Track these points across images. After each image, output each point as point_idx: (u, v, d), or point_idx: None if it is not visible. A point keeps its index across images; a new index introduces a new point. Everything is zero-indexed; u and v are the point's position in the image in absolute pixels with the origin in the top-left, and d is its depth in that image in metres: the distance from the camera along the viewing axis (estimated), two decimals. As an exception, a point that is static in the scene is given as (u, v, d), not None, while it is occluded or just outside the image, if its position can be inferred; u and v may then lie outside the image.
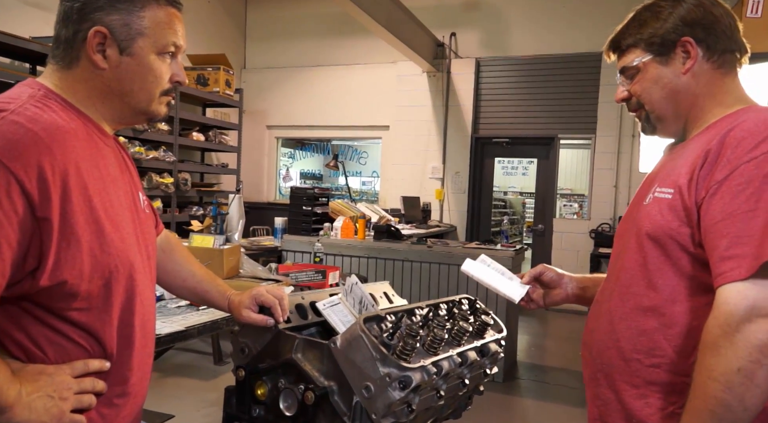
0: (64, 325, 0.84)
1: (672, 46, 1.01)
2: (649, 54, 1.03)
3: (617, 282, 1.04)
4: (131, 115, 0.97)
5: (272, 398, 1.14)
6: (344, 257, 4.08)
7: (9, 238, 0.74)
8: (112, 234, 0.87)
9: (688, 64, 1.00)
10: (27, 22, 4.23)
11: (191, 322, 1.86)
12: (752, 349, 0.77)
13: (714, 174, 0.88)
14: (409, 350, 1.06)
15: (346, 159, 8.25)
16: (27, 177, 0.76)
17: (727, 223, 0.84)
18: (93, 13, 0.88)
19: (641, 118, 1.08)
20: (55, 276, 0.79)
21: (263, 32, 7.23)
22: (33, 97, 0.85)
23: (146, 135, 4.90)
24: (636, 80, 1.06)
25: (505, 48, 6.25)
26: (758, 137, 0.86)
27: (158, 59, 0.94)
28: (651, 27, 1.03)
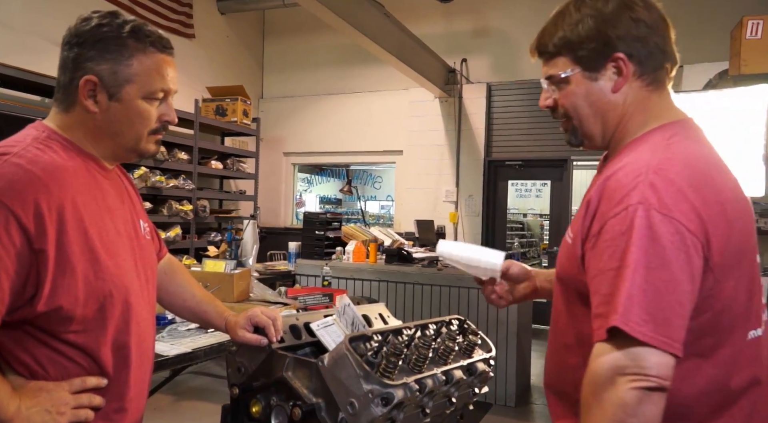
0: (63, 345, 0.91)
1: (603, 61, 0.94)
2: (578, 66, 0.96)
3: (552, 317, 1.05)
4: (123, 152, 1.05)
5: (266, 415, 1.19)
6: (355, 281, 4.13)
7: (8, 268, 0.83)
8: (107, 261, 0.95)
9: (619, 82, 0.95)
10: (55, 61, 4.46)
11: (198, 344, 1.93)
12: (616, 409, 0.78)
13: (592, 227, 0.88)
14: (391, 368, 1.10)
15: (361, 184, 8.36)
16: (24, 213, 0.84)
17: (598, 281, 0.84)
18: (85, 62, 0.96)
19: (568, 129, 1.03)
20: (52, 302, 0.87)
21: (280, 63, 7.46)
22: (36, 139, 0.95)
23: (167, 164, 5.07)
24: (564, 92, 0.99)
25: (516, 72, 6.33)
26: (625, 189, 0.84)
27: (145, 103, 1.00)
28: (578, 33, 0.95)
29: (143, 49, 0.99)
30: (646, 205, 0.81)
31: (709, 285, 0.84)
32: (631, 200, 0.82)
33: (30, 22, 4.50)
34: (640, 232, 0.80)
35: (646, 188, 0.82)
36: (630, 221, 0.81)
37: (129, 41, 0.98)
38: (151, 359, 1.11)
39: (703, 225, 0.82)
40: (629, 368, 0.78)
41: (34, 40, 4.48)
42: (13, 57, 3.94)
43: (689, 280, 0.80)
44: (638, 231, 0.80)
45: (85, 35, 0.97)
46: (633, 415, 0.77)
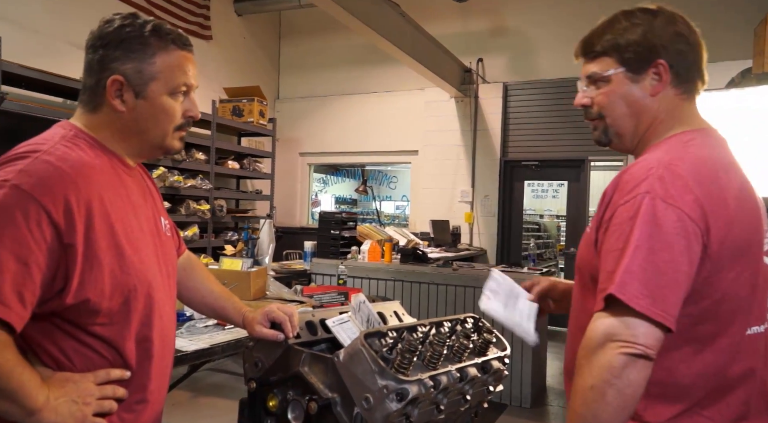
0: (89, 338, 0.94)
1: (646, 65, 1.02)
2: (621, 67, 1.03)
3: (572, 304, 1.13)
4: (149, 149, 1.09)
5: (282, 409, 1.21)
6: (370, 280, 4.15)
7: (39, 262, 0.86)
8: (132, 256, 0.98)
9: (658, 87, 1.02)
10: (77, 63, 4.52)
11: (216, 340, 1.96)
12: (602, 370, 0.86)
13: (605, 215, 0.97)
14: (406, 364, 1.12)
15: (376, 184, 8.38)
16: (55, 209, 0.87)
17: (605, 260, 0.93)
18: (110, 63, 1.00)
19: (598, 128, 1.09)
20: (80, 295, 0.90)
21: (295, 64, 7.51)
22: (64, 137, 0.98)
23: (184, 164, 5.14)
24: (603, 90, 1.06)
25: (533, 71, 6.30)
26: (636, 181, 0.92)
27: (170, 99, 1.04)
28: (627, 38, 1.03)
29: (165, 47, 1.02)
30: (652, 194, 0.89)
31: (706, 272, 0.91)
32: (640, 190, 0.91)
33: (53, 26, 4.60)
34: (645, 217, 0.89)
35: (654, 180, 0.91)
36: (637, 208, 0.90)
37: (151, 40, 1.01)
38: (172, 353, 1.14)
39: (705, 216, 0.89)
40: (620, 335, 0.87)
41: (56, 43, 4.58)
42: (37, 59, 4.03)
43: (688, 263, 0.88)
44: (643, 216, 0.89)
45: (108, 37, 1.00)
46: (617, 376, 0.85)
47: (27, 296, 0.84)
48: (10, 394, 0.82)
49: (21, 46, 4.14)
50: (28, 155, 0.91)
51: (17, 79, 3.70)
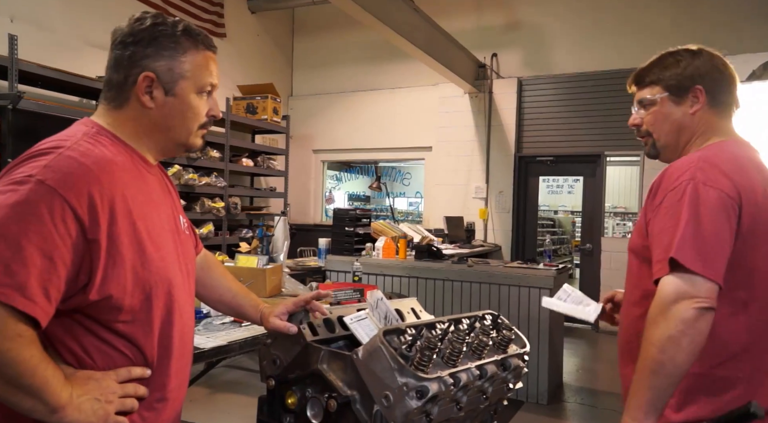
0: (111, 335, 0.94)
1: (686, 90, 1.25)
2: (666, 92, 1.27)
3: (625, 283, 1.32)
4: (173, 147, 1.10)
5: (301, 407, 1.21)
6: (385, 276, 4.14)
7: (64, 257, 0.86)
8: (153, 253, 0.98)
9: (696, 107, 1.25)
10: (93, 62, 4.60)
11: (233, 337, 1.96)
12: (678, 322, 1.05)
13: (655, 200, 1.17)
14: (426, 361, 1.10)
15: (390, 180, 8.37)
16: (79, 204, 0.87)
17: (659, 237, 1.13)
18: (142, 60, 1.01)
19: (648, 143, 1.33)
20: (103, 291, 0.90)
21: (309, 61, 7.52)
22: (87, 134, 0.98)
23: (199, 162, 5.17)
24: (650, 111, 1.30)
25: (548, 66, 6.23)
26: (680, 172, 1.15)
27: (197, 97, 1.06)
28: (671, 71, 1.27)
29: (195, 47, 1.05)
30: (695, 181, 1.11)
31: (740, 244, 1.11)
32: (684, 178, 1.12)
33: (69, 25, 4.64)
34: (691, 198, 1.10)
35: (695, 170, 1.13)
36: (683, 191, 1.11)
37: (182, 39, 1.03)
38: (191, 351, 1.14)
39: (738, 194, 1.11)
40: (689, 293, 1.05)
41: (72, 42, 4.63)
42: (53, 59, 4.07)
43: (729, 231, 1.10)
44: (689, 198, 1.10)
45: (141, 34, 1.01)
46: (691, 327, 1.04)
47: (52, 292, 0.85)
48: (35, 391, 0.83)
49: (37, 45, 4.19)
50: (51, 151, 0.91)
51: (34, 78, 3.74)
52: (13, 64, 3.42)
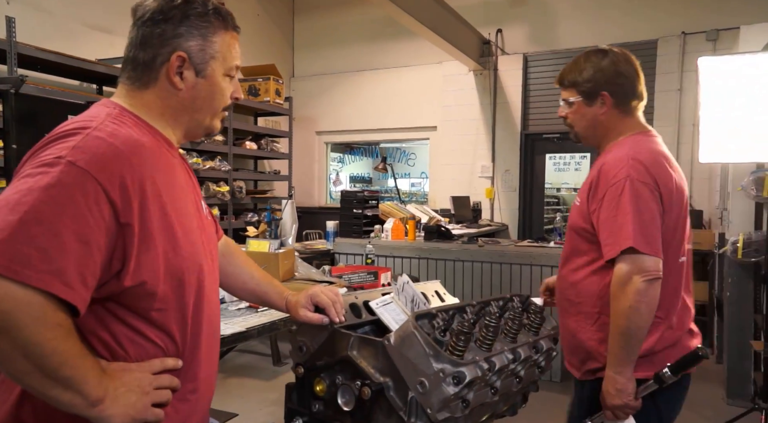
0: (143, 324, 0.90)
1: (595, 95, 1.54)
2: (580, 97, 1.56)
3: (564, 252, 1.62)
4: (195, 129, 1.06)
5: (330, 394, 1.18)
6: (395, 258, 4.11)
7: (99, 242, 0.81)
8: (183, 239, 0.93)
9: (604, 109, 1.55)
10: (92, 45, 4.51)
11: (251, 323, 1.94)
12: (634, 294, 1.36)
13: (597, 194, 1.47)
14: (461, 346, 1.07)
15: (394, 161, 8.29)
16: (111, 187, 0.83)
17: (606, 224, 1.43)
18: (173, 39, 0.96)
19: (572, 133, 1.63)
20: (136, 277, 0.86)
21: (310, 40, 7.39)
22: (110, 115, 0.93)
23: (203, 146, 5.11)
24: (571, 110, 1.59)
25: (554, 41, 6.12)
26: (616, 170, 1.44)
27: (224, 79, 1.03)
28: (584, 76, 1.55)
29: (225, 27, 1.02)
30: (631, 178, 1.41)
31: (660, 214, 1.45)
32: (621, 176, 1.42)
33: (67, 7, 4.53)
34: (630, 193, 1.40)
35: (629, 169, 1.42)
36: (622, 187, 1.41)
37: (213, 19, 1.00)
38: (218, 339, 1.10)
39: (658, 185, 1.43)
40: (639, 270, 1.37)
41: (70, 25, 4.53)
42: (52, 42, 3.98)
43: (659, 215, 1.42)
44: (629, 194, 1.40)
45: (172, 11, 0.96)
46: (645, 296, 1.36)
47: (89, 278, 0.81)
48: (74, 384, 0.79)
49: (35, 27, 4.10)
50: (78, 131, 0.86)
51: (33, 61, 3.66)
52: (12, 48, 3.33)
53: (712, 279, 4.43)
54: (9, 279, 0.73)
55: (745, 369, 3.39)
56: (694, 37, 5.41)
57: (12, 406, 0.87)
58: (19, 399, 0.87)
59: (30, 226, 0.76)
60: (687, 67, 5.43)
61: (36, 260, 0.75)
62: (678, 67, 5.47)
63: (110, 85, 4.45)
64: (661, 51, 5.55)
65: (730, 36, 5.13)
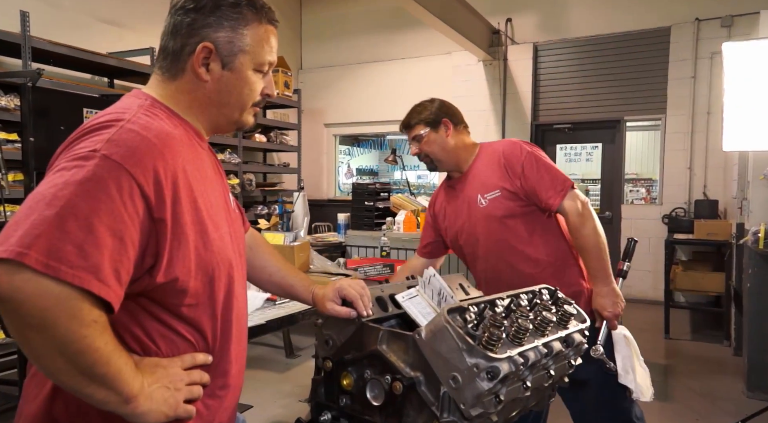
0: (175, 320, 0.89)
1: (438, 123, 1.86)
2: (427, 127, 1.86)
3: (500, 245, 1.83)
4: (225, 123, 1.03)
5: (358, 388, 1.16)
6: (408, 251, 4.09)
7: (133, 238, 0.80)
8: (213, 233, 0.92)
9: (449, 132, 1.87)
10: (103, 38, 4.49)
11: (269, 316, 1.93)
12: (592, 216, 1.75)
13: (515, 170, 1.79)
14: (495, 341, 1.05)
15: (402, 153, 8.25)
16: (146, 181, 0.81)
17: (540, 182, 1.76)
18: (202, 29, 0.93)
19: (427, 162, 1.91)
20: (169, 273, 0.85)
21: (318, 32, 7.34)
22: (142, 106, 0.91)
23: (212, 139, 5.07)
24: (423, 142, 1.87)
25: (565, 30, 6.04)
26: (513, 148, 1.82)
27: (254, 74, 0.99)
28: (425, 114, 1.86)
29: (258, 20, 0.98)
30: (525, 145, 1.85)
31: None
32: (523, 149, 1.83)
33: (78, 1, 4.51)
34: (537, 155, 1.82)
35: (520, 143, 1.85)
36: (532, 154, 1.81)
37: (246, 10, 0.96)
38: (246, 334, 1.09)
39: None
40: (582, 199, 1.76)
41: (82, 18, 4.51)
42: (63, 35, 3.96)
43: None
44: (537, 156, 1.81)
45: (203, 1, 0.93)
46: (595, 215, 1.77)
47: (123, 274, 0.79)
48: (109, 381, 0.78)
49: (47, 21, 4.08)
50: (112, 124, 0.84)
51: (46, 55, 3.65)
52: (26, 41, 3.32)
53: (729, 270, 4.37)
54: (46, 275, 0.72)
55: (765, 361, 3.35)
56: (709, 23, 5.33)
57: (43, 401, 0.86)
58: (51, 394, 0.86)
59: (66, 221, 0.74)
60: (701, 55, 5.35)
61: (72, 256, 0.73)
62: (692, 55, 5.39)
63: (121, 78, 4.43)
64: (675, 38, 5.47)
65: (745, 22, 5.05)
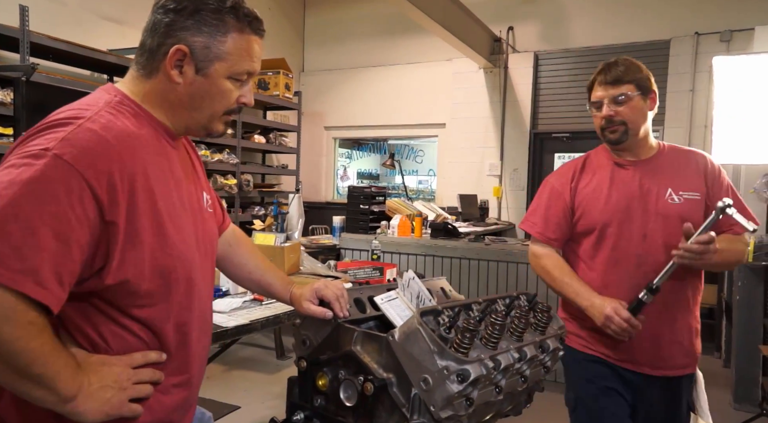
0: (127, 320, 0.89)
1: (649, 91, 1.65)
2: (638, 91, 1.63)
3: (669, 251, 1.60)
4: (195, 127, 1.01)
5: (333, 389, 1.17)
6: (401, 255, 4.10)
7: (80, 241, 0.80)
8: (174, 236, 0.92)
9: (652, 106, 1.67)
10: (104, 35, 4.52)
11: (255, 316, 1.93)
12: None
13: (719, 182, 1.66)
14: (466, 344, 1.06)
15: (402, 158, 8.27)
16: (98, 184, 0.81)
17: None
18: (179, 31, 0.92)
19: (617, 132, 1.64)
20: (119, 275, 0.85)
21: (321, 35, 7.37)
22: (109, 103, 0.91)
23: (210, 139, 5.11)
24: (627, 105, 1.62)
25: (565, 40, 6.07)
26: (706, 158, 1.71)
27: (229, 82, 0.97)
28: (640, 75, 1.66)
29: (240, 29, 0.96)
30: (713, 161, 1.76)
31: None
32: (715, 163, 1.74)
33: (79, -2, 4.55)
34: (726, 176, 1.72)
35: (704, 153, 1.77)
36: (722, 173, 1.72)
37: (228, 18, 0.94)
38: (209, 333, 1.09)
39: None
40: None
41: (83, 14, 4.53)
42: (63, 31, 3.99)
43: None
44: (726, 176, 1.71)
45: (184, 2, 0.93)
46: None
47: (65, 277, 0.79)
48: (46, 381, 0.78)
49: (48, 17, 4.11)
50: (70, 121, 0.84)
51: (45, 50, 3.67)
52: (25, 36, 3.35)
53: (721, 282, 4.38)
54: None
55: (753, 374, 3.36)
56: (708, 37, 5.34)
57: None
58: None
59: (6, 222, 0.74)
60: (700, 68, 5.37)
61: (9, 258, 0.73)
62: (691, 68, 5.41)
63: (121, 75, 4.44)
64: (674, 51, 5.49)
65: (744, 37, 5.06)
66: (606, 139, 1.67)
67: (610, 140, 1.65)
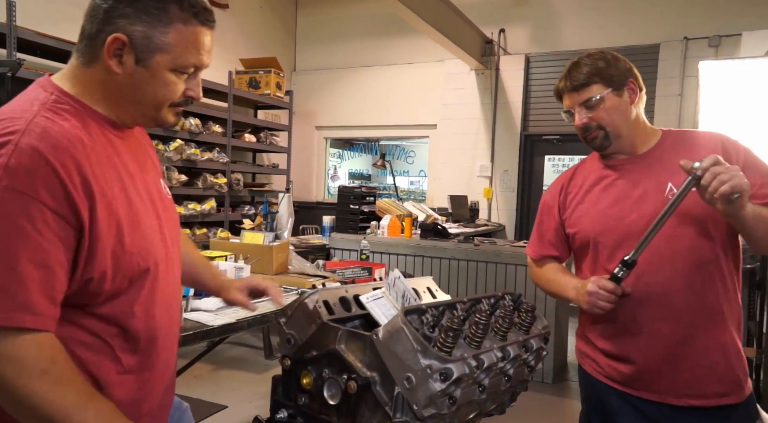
0: (92, 321, 0.88)
1: (623, 84, 1.47)
2: (608, 88, 1.47)
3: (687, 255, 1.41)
4: (142, 119, 0.97)
5: (317, 387, 1.17)
6: (391, 255, 4.10)
7: (60, 259, 0.80)
8: (133, 235, 0.90)
9: (633, 98, 1.48)
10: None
11: (242, 315, 1.93)
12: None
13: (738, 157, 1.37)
14: (450, 343, 1.06)
15: (393, 158, 8.29)
16: (55, 200, 0.79)
17: None
18: (118, 18, 0.87)
19: (597, 138, 1.49)
20: (83, 278, 0.84)
21: (312, 35, 7.36)
22: (44, 105, 0.86)
23: (201, 137, 5.09)
24: (600, 108, 1.47)
25: (556, 42, 6.11)
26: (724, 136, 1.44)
27: (173, 75, 0.92)
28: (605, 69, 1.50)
29: (185, 20, 0.89)
30: None
31: None
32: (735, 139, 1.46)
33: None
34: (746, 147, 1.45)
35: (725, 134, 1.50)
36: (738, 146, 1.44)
37: (171, 7, 0.88)
38: (178, 326, 1.08)
39: None
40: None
41: (70, 10, 4.49)
42: (50, 26, 3.95)
43: None
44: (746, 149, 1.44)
45: None
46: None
47: (57, 295, 0.80)
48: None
49: (35, 13, 4.07)
50: (6, 140, 0.79)
51: (32, 46, 3.64)
52: (12, 32, 3.32)
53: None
54: None
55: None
56: (697, 42, 5.40)
57: None
58: None
59: None
60: (688, 73, 5.42)
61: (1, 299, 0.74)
62: (679, 72, 5.47)
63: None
64: (663, 55, 5.54)
65: (732, 42, 5.13)
66: (590, 146, 1.52)
67: (594, 147, 1.50)
